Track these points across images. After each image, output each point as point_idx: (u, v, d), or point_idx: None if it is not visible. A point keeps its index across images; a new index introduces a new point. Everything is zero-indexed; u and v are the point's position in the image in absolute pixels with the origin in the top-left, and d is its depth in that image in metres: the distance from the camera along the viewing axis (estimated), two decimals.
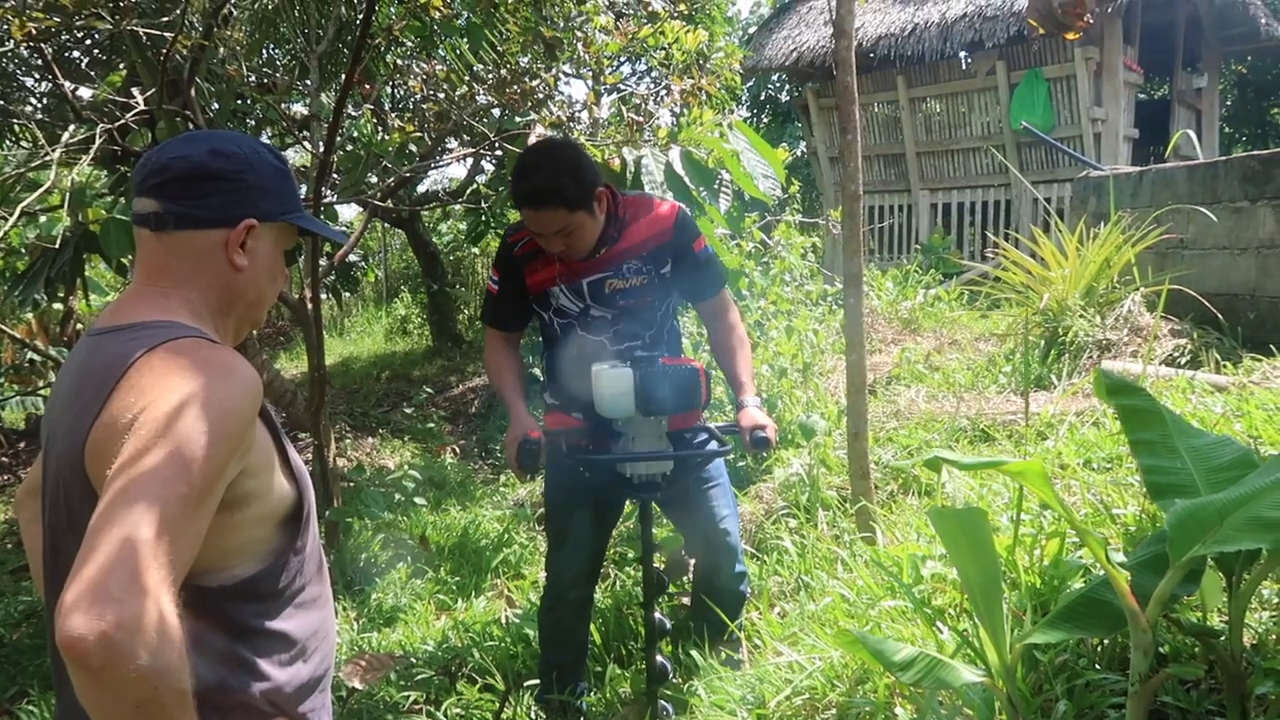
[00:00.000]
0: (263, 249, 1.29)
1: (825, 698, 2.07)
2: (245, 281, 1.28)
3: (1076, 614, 1.56)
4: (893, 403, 4.48)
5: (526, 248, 2.47)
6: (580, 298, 2.48)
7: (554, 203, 2.26)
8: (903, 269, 7.64)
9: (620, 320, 2.50)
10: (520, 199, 2.29)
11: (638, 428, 2.35)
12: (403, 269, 13.11)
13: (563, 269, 2.45)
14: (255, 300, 1.33)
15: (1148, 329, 4.48)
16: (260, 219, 1.27)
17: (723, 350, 2.62)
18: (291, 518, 1.25)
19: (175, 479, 1.02)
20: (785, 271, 4.99)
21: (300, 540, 1.26)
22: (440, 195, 8.58)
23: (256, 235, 1.27)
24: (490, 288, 2.58)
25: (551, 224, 2.29)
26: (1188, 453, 1.66)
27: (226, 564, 1.17)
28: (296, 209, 1.34)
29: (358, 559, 4.22)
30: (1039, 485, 1.45)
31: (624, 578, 3.60)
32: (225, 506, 1.12)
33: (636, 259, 2.47)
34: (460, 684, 2.89)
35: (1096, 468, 2.93)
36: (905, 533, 2.85)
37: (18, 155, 5.73)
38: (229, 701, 1.18)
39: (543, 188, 2.26)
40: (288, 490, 1.24)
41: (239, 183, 1.25)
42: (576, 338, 2.51)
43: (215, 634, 1.17)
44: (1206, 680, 1.68)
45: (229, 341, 1.30)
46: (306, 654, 1.28)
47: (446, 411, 7.39)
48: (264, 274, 1.31)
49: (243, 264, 1.27)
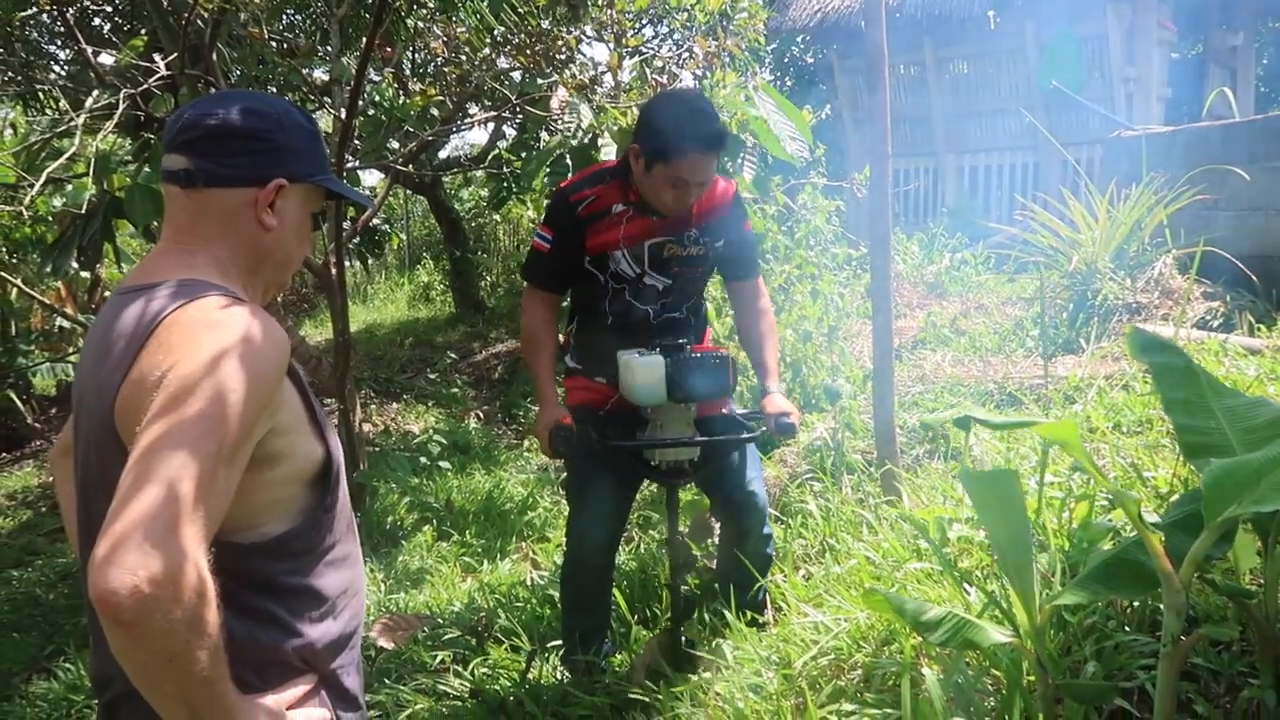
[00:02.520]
0: (291, 210, 1.29)
1: (851, 658, 2.07)
2: (273, 242, 1.28)
3: (1107, 575, 1.55)
4: (918, 367, 4.45)
5: (591, 208, 2.42)
6: (639, 262, 2.46)
7: (722, 147, 2.29)
8: (929, 233, 7.55)
9: (670, 291, 2.51)
10: (697, 141, 2.25)
11: (666, 414, 2.35)
12: (425, 236, 13.12)
13: (628, 230, 2.42)
14: (283, 261, 1.32)
15: (1179, 292, 4.41)
16: (290, 179, 1.26)
17: (752, 335, 2.61)
18: (320, 476, 1.25)
19: (205, 436, 1.02)
20: (810, 235, 4.95)
21: (330, 498, 1.27)
22: (462, 161, 8.56)
23: (285, 195, 1.27)
24: (539, 245, 2.51)
25: (710, 171, 2.31)
26: (1223, 413, 1.63)
27: (257, 521, 1.18)
28: (325, 171, 1.33)
29: (384, 522, 4.27)
30: (1071, 445, 1.43)
31: (648, 541, 3.61)
32: (254, 464, 1.12)
33: (697, 228, 2.47)
34: (487, 645, 2.92)
35: (1126, 431, 2.90)
36: (931, 496, 2.83)
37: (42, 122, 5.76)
38: (261, 657, 1.19)
39: (721, 132, 2.27)
40: (316, 449, 1.24)
41: (270, 142, 1.25)
42: (624, 305, 2.50)
43: (246, 590, 1.17)
44: (1239, 642, 1.67)
45: (257, 302, 1.30)
46: (336, 611, 1.29)
47: (470, 377, 7.42)
48: (292, 235, 1.31)
49: (271, 224, 1.26)
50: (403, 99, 5.18)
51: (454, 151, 10.16)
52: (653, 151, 2.29)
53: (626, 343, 2.43)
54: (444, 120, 4.86)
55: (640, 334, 2.48)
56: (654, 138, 2.29)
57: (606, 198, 2.42)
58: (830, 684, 2.02)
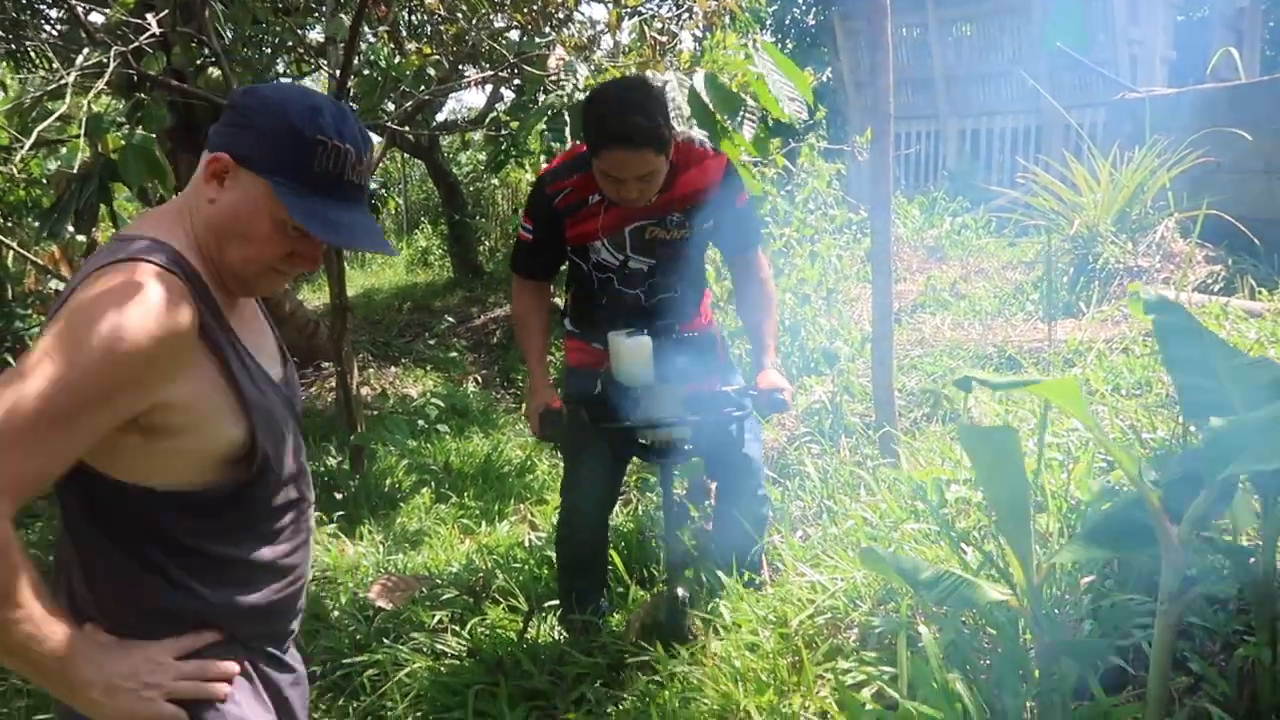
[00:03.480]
0: (234, 194, 1.22)
1: (848, 618, 2.08)
2: (214, 219, 1.22)
3: (1105, 533, 1.55)
4: (918, 330, 4.44)
5: (567, 200, 2.37)
6: (621, 249, 2.42)
7: (651, 145, 2.16)
8: (929, 196, 7.50)
9: (656, 273, 2.47)
10: (613, 138, 2.15)
11: (655, 395, 2.34)
12: (422, 200, 13.04)
13: (606, 220, 2.38)
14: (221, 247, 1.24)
15: (1181, 255, 4.38)
16: (239, 161, 1.21)
17: (750, 308, 2.57)
18: (240, 460, 1.24)
19: (38, 395, 1.05)
20: (810, 197, 4.91)
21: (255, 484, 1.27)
22: (459, 124, 8.48)
23: (235, 179, 1.21)
24: (523, 236, 2.49)
25: (640, 167, 2.18)
26: (1225, 372, 1.62)
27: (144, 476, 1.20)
28: (291, 179, 1.21)
29: (382, 484, 4.27)
30: (1072, 404, 1.42)
31: (646, 503, 3.62)
32: (138, 430, 1.15)
33: (680, 211, 2.41)
34: (485, 605, 2.93)
35: (1125, 393, 2.89)
36: (929, 459, 2.83)
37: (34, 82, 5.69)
38: (148, 606, 1.23)
39: (643, 128, 2.14)
40: (233, 433, 1.22)
41: (247, 120, 1.22)
42: (612, 290, 2.48)
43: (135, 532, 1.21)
44: (1235, 601, 1.67)
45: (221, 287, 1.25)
46: (252, 583, 1.30)
47: (468, 341, 7.41)
48: (231, 223, 1.22)
49: (211, 196, 1.22)
50: (399, 59, 5.11)
51: (451, 115, 10.07)
52: (587, 143, 2.26)
53: (619, 322, 2.41)
54: (440, 80, 4.80)
55: (633, 315, 2.46)
56: (584, 131, 2.25)
57: (583, 189, 2.36)
58: (827, 643, 2.03)
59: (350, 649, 2.82)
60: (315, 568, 3.49)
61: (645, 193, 2.26)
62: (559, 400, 2.39)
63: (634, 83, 2.39)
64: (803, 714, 1.79)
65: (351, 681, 2.69)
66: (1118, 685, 1.62)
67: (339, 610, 3.07)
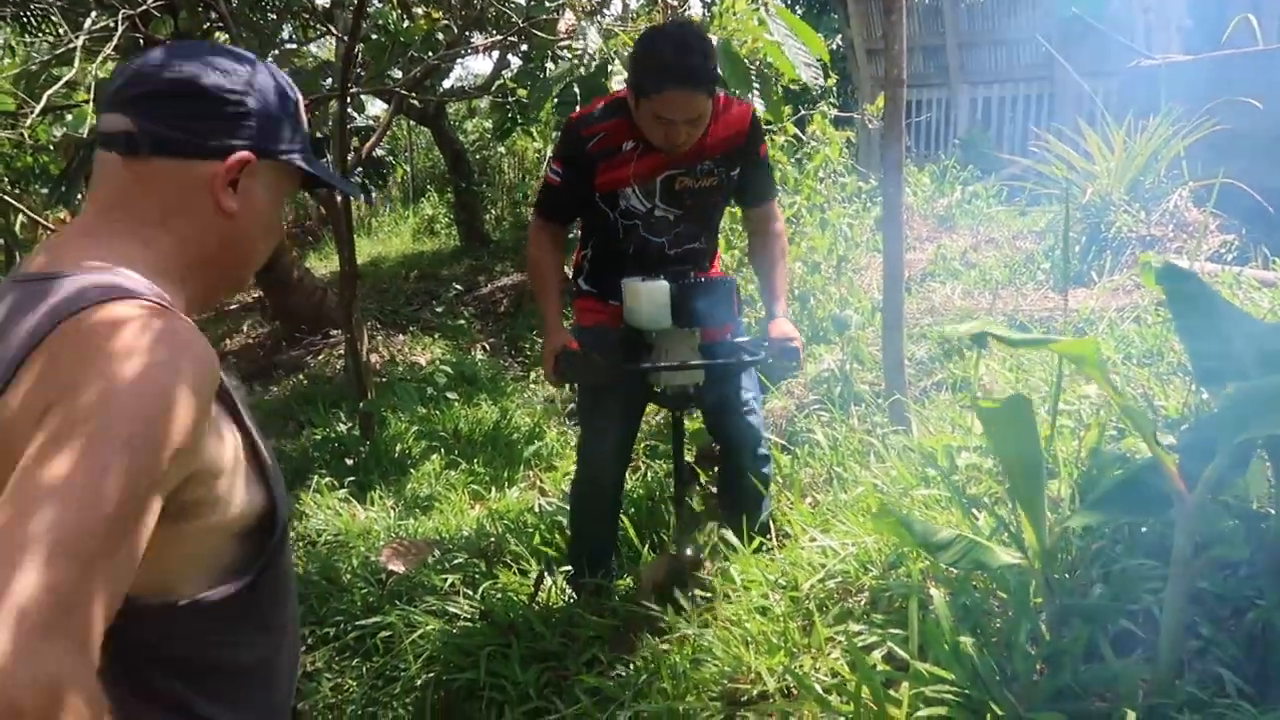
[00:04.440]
0: (258, 193, 1.04)
1: (858, 581, 2.09)
2: (233, 231, 1.03)
3: (1119, 497, 1.55)
4: (927, 299, 4.42)
5: (601, 144, 2.36)
6: (650, 197, 2.42)
7: (707, 86, 2.18)
8: (940, 165, 7.44)
9: (682, 222, 2.47)
10: (675, 78, 2.16)
11: (671, 340, 2.33)
12: (429, 168, 12.98)
13: (639, 168, 2.37)
14: (242, 257, 1.07)
15: (1194, 225, 4.35)
16: (258, 154, 1.01)
17: (763, 259, 2.59)
18: (258, 530, 1.00)
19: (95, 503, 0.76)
20: (820, 165, 4.87)
21: (270, 557, 1.02)
22: (466, 90, 8.43)
23: (252, 174, 1.02)
24: (550, 179, 2.48)
25: (694, 109, 2.20)
26: (1239, 339, 1.62)
27: (167, 582, 0.93)
28: (304, 149, 1.08)
29: (392, 450, 4.30)
30: (1089, 363, 1.42)
31: (656, 469, 3.63)
32: (169, 518, 0.86)
33: (710, 160, 2.41)
34: (497, 568, 2.95)
35: (1137, 362, 2.89)
36: (939, 427, 2.83)
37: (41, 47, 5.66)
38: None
39: (703, 68, 2.16)
40: (256, 498, 0.99)
41: (238, 106, 1.00)
42: (637, 239, 2.47)
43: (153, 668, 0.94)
44: (1247, 565, 1.67)
45: (191, 308, 1.03)
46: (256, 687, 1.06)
47: (475, 310, 7.40)
48: (257, 224, 1.05)
49: (232, 207, 1.01)
50: (406, 23, 5.07)
51: (458, 82, 9.99)
52: (636, 87, 2.25)
53: (637, 272, 2.42)
54: (449, 45, 4.77)
55: (656, 264, 2.46)
56: (636, 73, 2.25)
57: (617, 134, 2.36)
58: (837, 606, 2.04)
59: (362, 611, 2.85)
60: (328, 531, 3.53)
61: (692, 136, 2.27)
62: (575, 342, 2.40)
63: (687, 25, 2.40)
64: (813, 675, 1.81)
65: (365, 643, 2.72)
66: (1128, 648, 1.63)
67: (351, 574, 3.10)
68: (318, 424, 4.86)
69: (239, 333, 7.59)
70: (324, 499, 3.78)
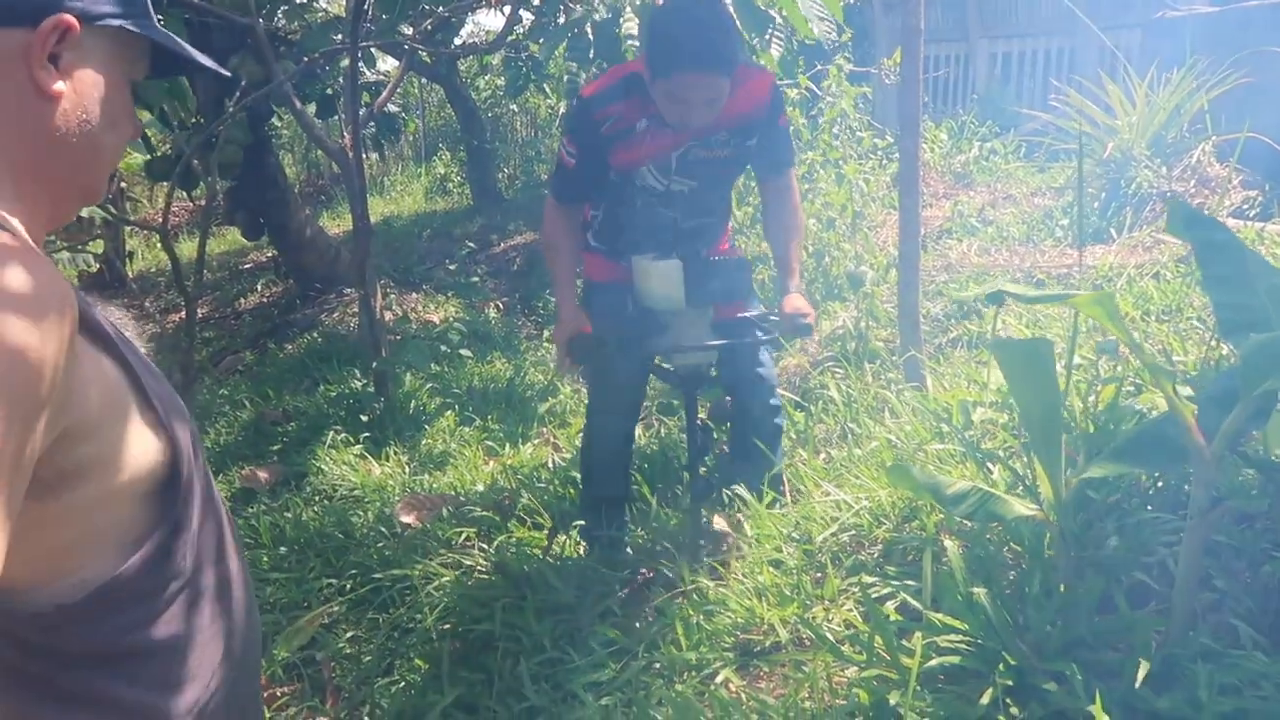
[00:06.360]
0: (89, 71, 0.84)
1: (872, 534, 2.10)
2: (64, 122, 0.82)
3: (1136, 449, 1.54)
4: (944, 256, 4.39)
5: (615, 127, 2.30)
6: (666, 174, 2.38)
7: (726, 67, 2.10)
8: (958, 120, 7.34)
9: (697, 194, 2.43)
10: (690, 60, 2.07)
11: (684, 319, 2.32)
12: (441, 126, 12.88)
13: (653, 146, 2.32)
14: (84, 156, 0.85)
15: (1217, 180, 4.29)
16: (81, 18, 0.81)
17: (778, 230, 2.53)
18: (166, 483, 0.87)
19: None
20: (835, 119, 4.81)
21: (180, 517, 0.88)
22: (478, 45, 8.33)
23: (77, 46, 0.82)
24: (564, 160, 2.42)
25: (711, 90, 2.12)
26: (1264, 290, 1.59)
27: (65, 569, 0.81)
28: (144, 15, 0.88)
29: (407, 407, 4.31)
30: (1107, 317, 1.40)
31: (669, 426, 3.64)
32: (45, 490, 0.75)
33: (726, 130, 2.35)
34: (511, 523, 2.97)
35: (1155, 318, 2.86)
36: (955, 383, 2.82)
37: None
38: None
39: (721, 49, 2.07)
40: (152, 446, 0.84)
41: None
42: (650, 212, 2.44)
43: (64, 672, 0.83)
44: (1264, 518, 1.67)
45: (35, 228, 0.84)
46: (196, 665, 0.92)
47: (488, 268, 7.39)
48: (94, 110, 0.84)
49: (54, 88, 0.81)
50: None
51: (470, 38, 9.87)
52: (650, 65, 2.18)
53: (650, 243, 2.38)
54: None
55: (667, 236, 2.43)
56: (651, 52, 2.17)
57: (630, 115, 2.30)
58: (851, 559, 2.05)
59: (379, 564, 2.88)
60: (343, 486, 3.56)
61: (709, 115, 2.20)
62: (589, 326, 2.39)
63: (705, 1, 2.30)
64: (826, 626, 1.82)
65: (381, 595, 2.75)
66: (1142, 600, 1.64)
67: (366, 528, 3.13)
68: (332, 381, 4.88)
69: (253, 292, 7.61)
70: (339, 454, 3.81)
